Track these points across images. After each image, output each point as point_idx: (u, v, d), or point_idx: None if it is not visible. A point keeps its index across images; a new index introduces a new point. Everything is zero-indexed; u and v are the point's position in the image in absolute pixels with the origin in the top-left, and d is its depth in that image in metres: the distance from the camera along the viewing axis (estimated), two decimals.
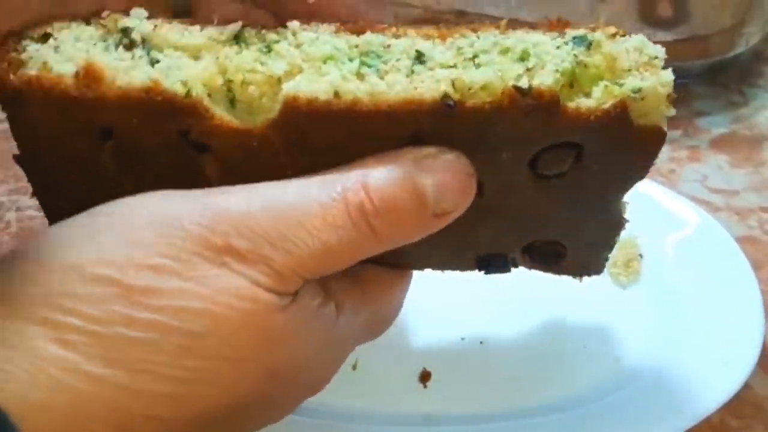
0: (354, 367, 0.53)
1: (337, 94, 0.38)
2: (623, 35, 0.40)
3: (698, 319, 0.53)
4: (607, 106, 0.39)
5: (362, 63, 0.39)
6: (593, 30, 0.40)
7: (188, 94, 0.38)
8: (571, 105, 0.39)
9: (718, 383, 0.49)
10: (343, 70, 0.39)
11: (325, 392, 0.51)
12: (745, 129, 0.74)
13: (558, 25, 0.40)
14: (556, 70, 0.39)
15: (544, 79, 0.38)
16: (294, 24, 0.40)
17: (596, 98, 0.39)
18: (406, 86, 0.38)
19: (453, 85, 0.38)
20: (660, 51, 0.40)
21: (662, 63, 0.40)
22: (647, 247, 0.57)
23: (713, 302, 0.54)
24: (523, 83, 0.38)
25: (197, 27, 0.39)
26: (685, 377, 0.50)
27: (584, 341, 0.54)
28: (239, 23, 0.39)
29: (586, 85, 0.40)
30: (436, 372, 0.53)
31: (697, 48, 0.74)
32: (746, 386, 0.50)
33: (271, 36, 0.39)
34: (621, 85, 0.39)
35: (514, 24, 0.40)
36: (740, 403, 0.51)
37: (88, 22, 0.39)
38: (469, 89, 0.38)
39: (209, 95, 0.38)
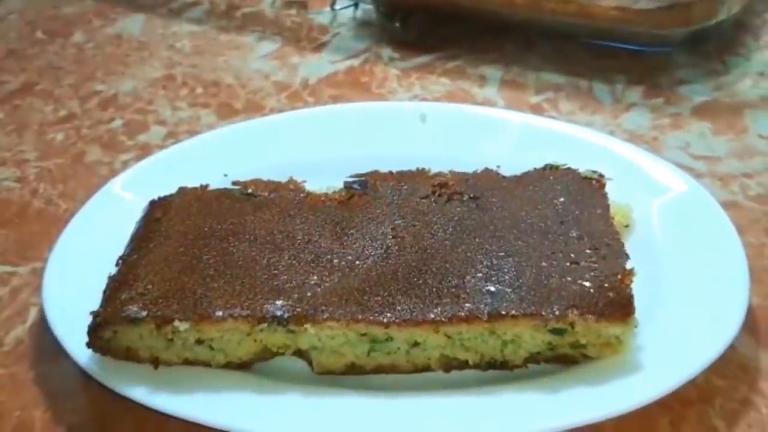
0: None
1: (352, 365, 0.52)
2: (601, 323, 0.49)
3: (685, 282, 0.54)
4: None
5: (371, 349, 0.51)
6: (574, 322, 0.49)
7: (242, 362, 0.52)
8: None
9: (705, 344, 0.50)
10: (356, 350, 0.51)
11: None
12: (727, 97, 0.75)
13: (541, 318, 0.49)
14: (527, 351, 0.51)
15: (515, 359, 0.51)
16: (312, 336, 0.51)
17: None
18: (404, 363, 0.52)
19: (440, 359, 0.51)
20: (627, 336, 0.50)
21: (626, 346, 0.50)
22: (634, 212, 0.58)
23: (700, 265, 0.54)
24: (497, 357, 0.51)
25: (230, 321, 0.50)
26: (672, 338, 0.51)
27: None
28: (265, 324, 0.50)
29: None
30: None
31: (679, 15, 0.74)
32: (731, 347, 0.51)
33: (293, 328, 0.51)
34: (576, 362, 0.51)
35: (498, 318, 0.49)
36: (725, 364, 0.52)
37: (137, 324, 0.51)
38: (453, 361, 0.51)
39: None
